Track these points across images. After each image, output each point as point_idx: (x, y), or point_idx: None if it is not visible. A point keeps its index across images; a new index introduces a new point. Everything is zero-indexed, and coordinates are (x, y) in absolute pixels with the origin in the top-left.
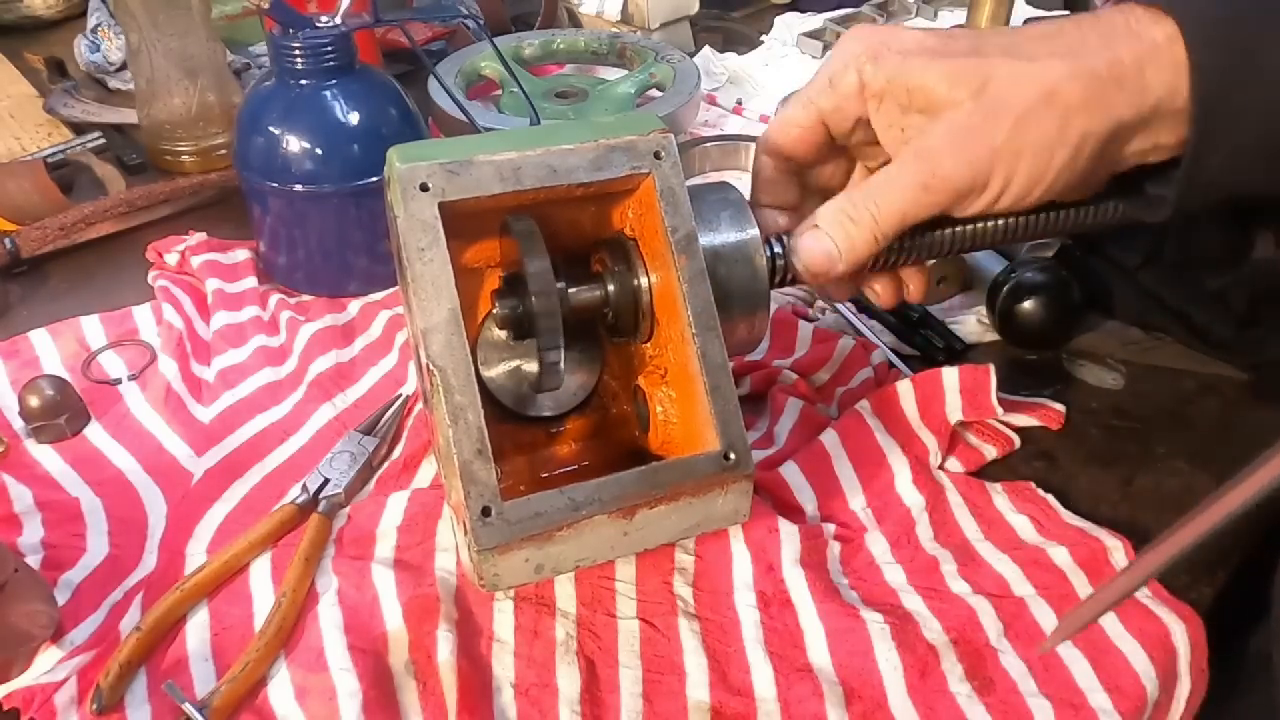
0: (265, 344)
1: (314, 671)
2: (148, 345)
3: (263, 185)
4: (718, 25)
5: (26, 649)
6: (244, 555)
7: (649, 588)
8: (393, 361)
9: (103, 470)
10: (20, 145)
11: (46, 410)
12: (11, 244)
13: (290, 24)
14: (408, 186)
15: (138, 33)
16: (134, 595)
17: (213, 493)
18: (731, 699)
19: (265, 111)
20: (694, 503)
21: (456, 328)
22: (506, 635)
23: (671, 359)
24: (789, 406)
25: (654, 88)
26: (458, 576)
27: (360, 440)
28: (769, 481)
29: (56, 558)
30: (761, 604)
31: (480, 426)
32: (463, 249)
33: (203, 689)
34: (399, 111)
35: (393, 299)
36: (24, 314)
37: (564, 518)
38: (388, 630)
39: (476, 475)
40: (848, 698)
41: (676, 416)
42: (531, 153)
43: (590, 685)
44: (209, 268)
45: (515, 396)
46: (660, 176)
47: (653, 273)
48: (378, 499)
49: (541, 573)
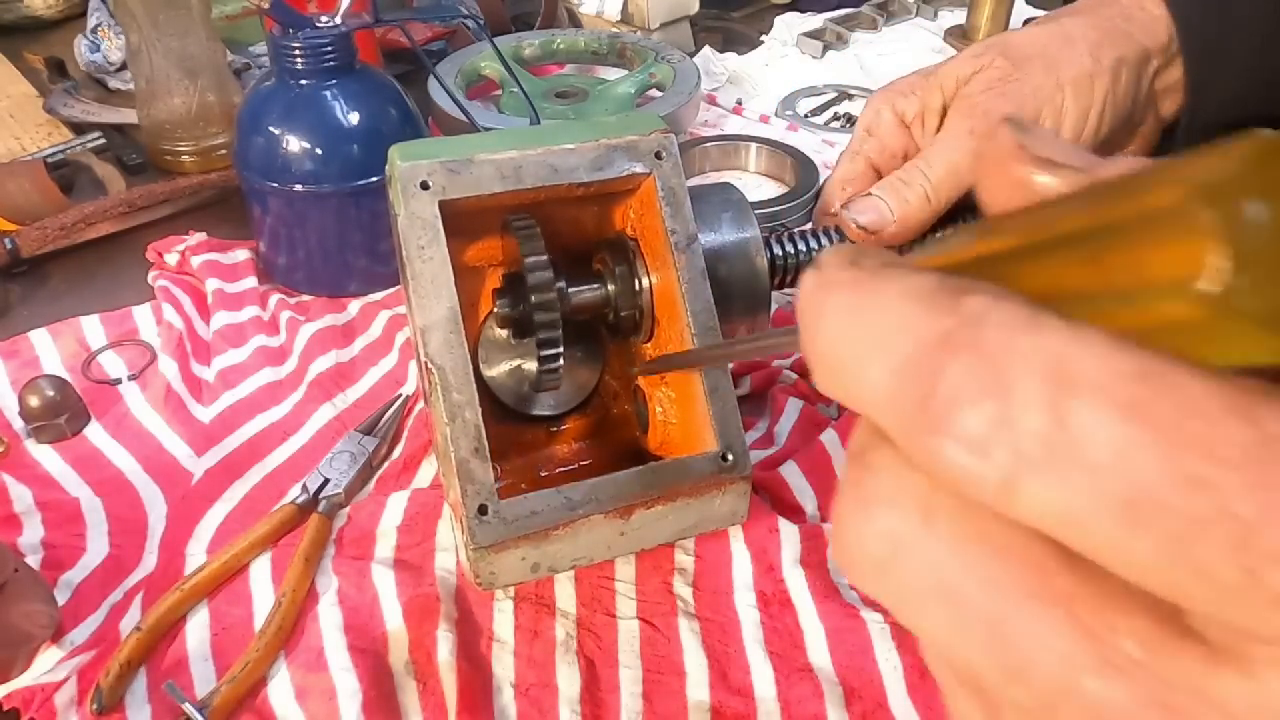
0: (265, 344)
1: (314, 671)
2: (148, 345)
3: (263, 185)
4: (718, 25)
5: (26, 649)
6: (244, 555)
7: (649, 588)
8: (393, 361)
9: (103, 470)
10: (20, 145)
11: (46, 410)
12: (11, 244)
13: (290, 24)
14: (408, 185)
15: (138, 33)
16: (134, 595)
17: (213, 493)
18: (731, 699)
19: (265, 111)
20: (691, 503)
21: (455, 326)
22: (506, 635)
23: None
24: (789, 406)
25: (654, 88)
26: (458, 576)
27: (360, 440)
28: (769, 481)
29: (56, 558)
30: (761, 604)
31: (478, 425)
32: (464, 248)
33: (203, 689)
34: (399, 111)
35: (393, 299)
36: (24, 314)
37: (561, 517)
38: (388, 630)
39: (474, 473)
40: (848, 698)
41: (675, 417)
42: (532, 152)
43: (590, 685)
44: (209, 268)
45: (516, 395)
46: (661, 176)
47: (653, 273)
48: (378, 499)
49: (538, 571)
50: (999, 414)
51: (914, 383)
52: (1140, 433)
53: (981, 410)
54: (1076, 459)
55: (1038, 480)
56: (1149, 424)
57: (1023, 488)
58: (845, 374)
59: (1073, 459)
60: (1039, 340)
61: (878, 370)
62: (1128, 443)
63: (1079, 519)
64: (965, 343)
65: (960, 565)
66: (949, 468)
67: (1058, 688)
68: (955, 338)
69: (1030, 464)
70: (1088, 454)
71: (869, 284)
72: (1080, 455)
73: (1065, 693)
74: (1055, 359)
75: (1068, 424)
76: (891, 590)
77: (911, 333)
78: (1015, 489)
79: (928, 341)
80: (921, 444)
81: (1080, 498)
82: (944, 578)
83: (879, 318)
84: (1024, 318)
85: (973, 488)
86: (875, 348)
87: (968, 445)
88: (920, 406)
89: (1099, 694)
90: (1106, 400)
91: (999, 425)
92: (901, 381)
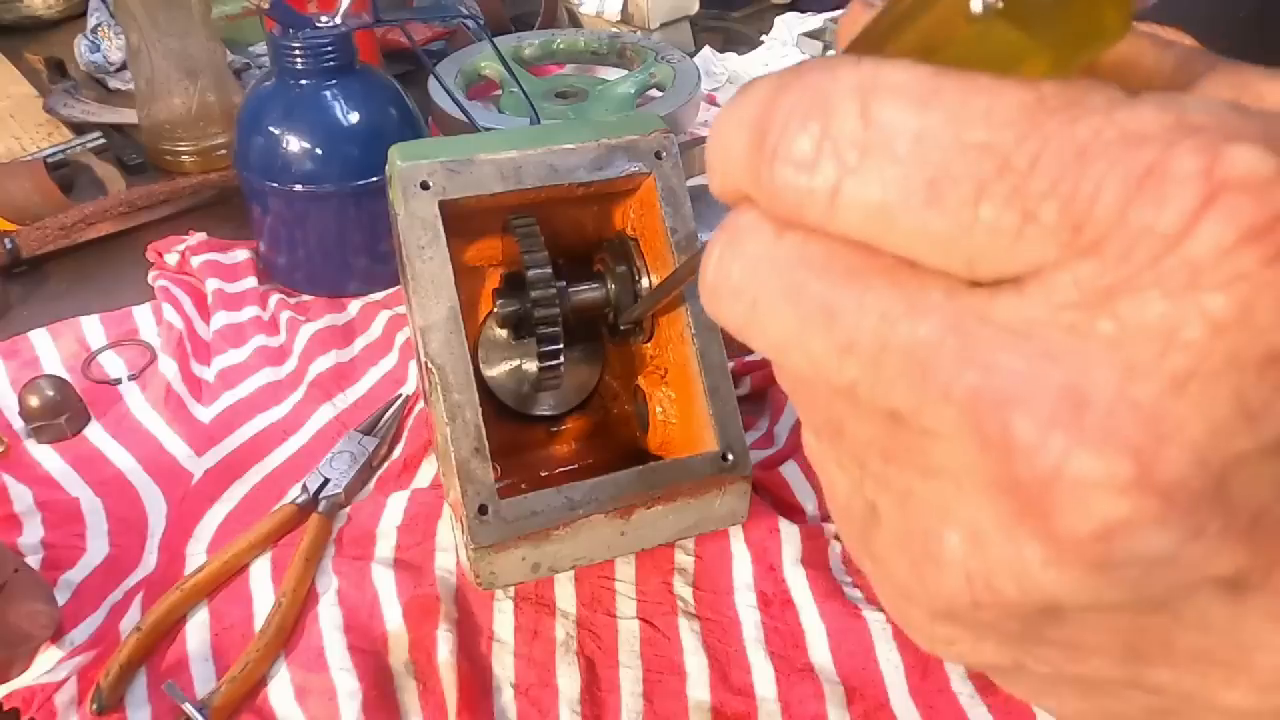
0: (265, 344)
1: (314, 671)
2: (148, 345)
3: (263, 185)
4: (718, 25)
5: (26, 649)
6: (244, 555)
7: (649, 588)
8: (393, 361)
9: (103, 470)
10: (20, 145)
11: (46, 410)
12: (11, 244)
13: (290, 24)
14: (409, 184)
15: (138, 33)
16: (134, 595)
17: (213, 493)
18: (732, 699)
19: (265, 111)
20: (691, 503)
21: (456, 326)
22: (506, 635)
23: (671, 359)
24: (789, 406)
25: (654, 88)
26: (458, 576)
27: (360, 440)
28: (769, 481)
29: (56, 558)
30: (762, 604)
31: (478, 425)
32: (464, 247)
33: (203, 689)
34: (399, 111)
35: (393, 299)
36: (24, 314)
37: (561, 517)
38: (388, 630)
39: (474, 473)
40: (849, 697)
41: (676, 417)
42: (532, 152)
43: (590, 685)
44: (209, 268)
45: (516, 395)
46: (661, 176)
47: (653, 272)
48: (378, 499)
49: (538, 571)
50: (821, 131)
51: (754, 129)
52: (933, 117)
53: (807, 131)
54: (884, 153)
55: (855, 180)
56: (940, 109)
57: (844, 192)
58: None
59: (881, 154)
60: (854, 67)
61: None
62: (924, 129)
63: (891, 209)
64: (791, 82)
65: (802, 263)
66: (786, 193)
67: (878, 343)
68: (784, 82)
69: (848, 168)
70: (893, 147)
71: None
72: (887, 149)
73: (883, 346)
74: (867, 77)
75: (875, 123)
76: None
77: (757, 97)
78: (839, 196)
79: (766, 95)
80: (763, 179)
81: (890, 189)
82: (789, 279)
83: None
84: (845, 58)
85: (805, 207)
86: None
87: (797, 165)
88: (755, 146)
89: (909, 335)
90: (905, 97)
91: (821, 140)
92: (746, 132)
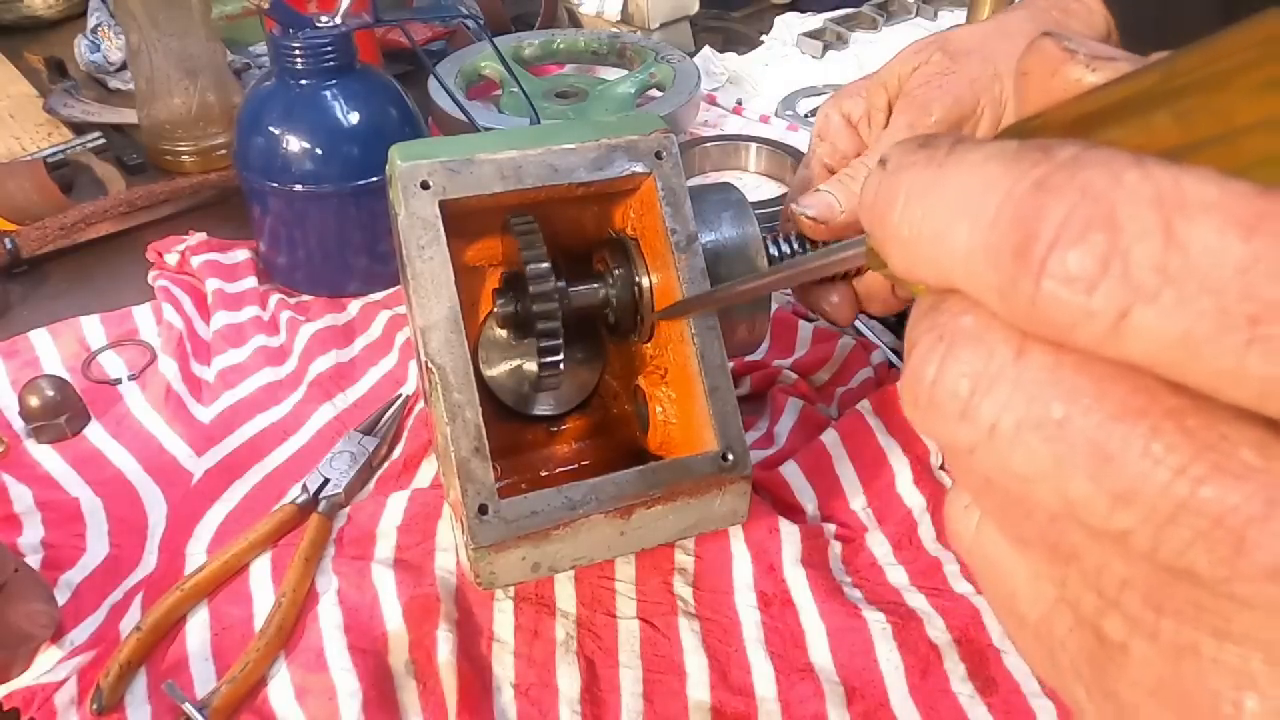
0: (265, 344)
1: (314, 671)
2: (148, 345)
3: (263, 185)
4: (718, 25)
5: (26, 649)
6: (244, 555)
7: (649, 588)
8: (393, 361)
9: (103, 470)
10: (20, 145)
11: (46, 410)
12: (11, 244)
13: (290, 24)
14: (409, 184)
15: (138, 33)
16: (134, 595)
17: (213, 493)
18: (732, 699)
19: (265, 111)
20: (691, 503)
21: (456, 326)
22: (506, 635)
23: (671, 359)
24: (789, 406)
25: (654, 88)
26: (458, 576)
27: (360, 440)
28: (769, 481)
29: (56, 558)
30: (762, 604)
31: (478, 424)
32: (465, 247)
33: (203, 689)
34: (399, 111)
35: (393, 299)
36: (24, 314)
37: (561, 516)
38: (388, 630)
39: (474, 473)
40: (849, 697)
41: (676, 416)
42: (532, 152)
43: (590, 685)
44: (209, 268)
45: (516, 395)
46: (661, 176)
47: (653, 272)
48: (378, 499)
49: (538, 571)
50: (1108, 247)
51: (1009, 231)
52: (1265, 248)
53: (1089, 246)
54: (1197, 281)
55: (1152, 309)
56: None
57: (1135, 319)
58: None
59: (1193, 282)
60: (1145, 172)
61: (966, 229)
62: (1253, 259)
63: (1197, 343)
64: (1064, 183)
65: (1061, 393)
66: (1054, 310)
67: (1172, 503)
68: (1052, 181)
69: (1144, 294)
70: (1210, 275)
71: (945, 158)
72: (1201, 277)
73: (1180, 506)
74: (1165, 188)
75: (1186, 247)
76: (975, 428)
77: (1001, 187)
78: (1127, 322)
79: (1021, 190)
80: (1022, 292)
81: (1201, 321)
82: (1042, 407)
83: (963, 180)
84: (1124, 157)
85: (1079, 328)
86: (961, 209)
87: (1074, 284)
88: (1018, 253)
89: (1218, 501)
90: (1227, 219)
91: (1109, 259)
92: (994, 233)
